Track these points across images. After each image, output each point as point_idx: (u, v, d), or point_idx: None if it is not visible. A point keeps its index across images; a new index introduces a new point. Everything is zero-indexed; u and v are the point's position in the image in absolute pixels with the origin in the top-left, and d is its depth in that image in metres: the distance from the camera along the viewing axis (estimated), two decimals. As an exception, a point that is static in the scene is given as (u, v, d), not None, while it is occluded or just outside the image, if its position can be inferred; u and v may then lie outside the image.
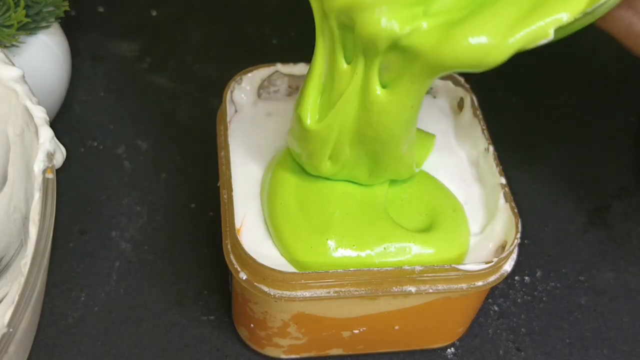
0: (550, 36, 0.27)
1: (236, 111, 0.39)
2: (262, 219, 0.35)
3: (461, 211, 0.36)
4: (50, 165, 0.30)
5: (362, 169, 0.35)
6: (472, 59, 0.28)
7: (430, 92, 0.41)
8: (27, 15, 0.40)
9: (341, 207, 0.35)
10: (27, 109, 0.32)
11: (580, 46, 0.57)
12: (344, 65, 0.32)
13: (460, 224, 0.35)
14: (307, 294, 0.32)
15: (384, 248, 0.33)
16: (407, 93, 0.32)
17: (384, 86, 0.32)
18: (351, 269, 0.32)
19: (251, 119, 0.39)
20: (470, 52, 0.27)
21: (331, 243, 0.33)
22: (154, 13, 0.57)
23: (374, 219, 0.35)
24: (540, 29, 0.27)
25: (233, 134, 0.38)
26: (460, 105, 0.40)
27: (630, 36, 0.34)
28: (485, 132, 0.38)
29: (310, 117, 0.33)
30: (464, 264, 0.33)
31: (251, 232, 0.35)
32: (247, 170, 0.37)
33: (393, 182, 0.36)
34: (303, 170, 0.36)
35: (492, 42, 0.27)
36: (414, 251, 0.34)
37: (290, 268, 0.33)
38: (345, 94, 0.32)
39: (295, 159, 0.36)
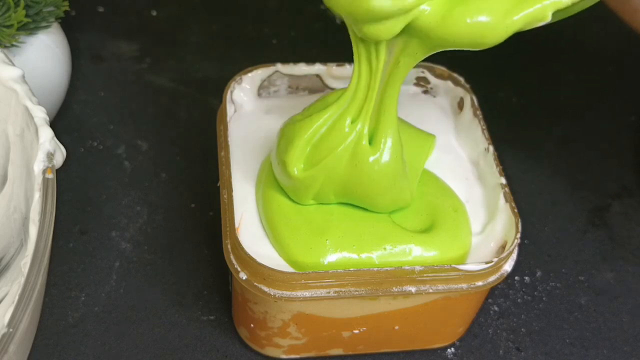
0: (548, 19, 0.27)
1: (236, 111, 0.39)
2: (258, 218, 0.35)
3: (462, 211, 0.36)
4: (50, 165, 0.30)
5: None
6: (471, 38, 0.28)
7: (430, 91, 0.41)
8: (27, 15, 0.40)
9: (340, 208, 0.35)
10: (27, 109, 0.32)
11: (580, 46, 0.57)
12: (347, 122, 0.33)
13: (461, 225, 0.35)
14: (307, 294, 0.32)
15: (384, 249, 0.33)
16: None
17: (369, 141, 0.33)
18: (351, 269, 0.32)
19: (251, 118, 0.39)
20: (469, 31, 0.28)
21: (330, 244, 0.33)
22: (154, 13, 0.57)
23: (374, 219, 0.35)
24: (539, 12, 0.27)
25: (233, 133, 0.38)
26: (460, 105, 0.40)
27: (626, 11, 0.34)
28: (485, 132, 0.38)
29: (296, 167, 0.33)
30: (464, 264, 0.32)
31: (249, 231, 0.34)
32: (246, 169, 0.37)
33: None
34: None
35: (491, 22, 0.27)
36: (415, 252, 0.34)
37: (288, 268, 0.33)
38: (338, 150, 0.33)
39: None
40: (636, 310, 0.42)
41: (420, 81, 0.41)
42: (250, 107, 0.40)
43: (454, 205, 0.36)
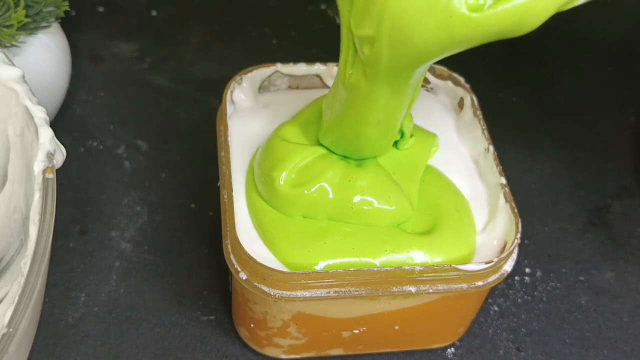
0: None
1: (235, 109, 0.39)
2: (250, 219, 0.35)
3: (466, 211, 0.35)
4: (50, 165, 0.30)
5: None
6: (514, 20, 0.26)
7: (431, 91, 0.41)
8: (27, 15, 0.40)
9: None
10: (27, 109, 0.32)
11: (580, 46, 0.57)
12: None
13: (464, 225, 0.34)
14: (307, 294, 0.32)
15: (385, 252, 0.33)
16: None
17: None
18: (351, 269, 0.32)
19: (251, 118, 0.39)
20: (512, 13, 0.26)
21: (328, 247, 0.33)
22: (154, 13, 0.57)
23: None
24: None
25: (233, 133, 0.38)
26: (460, 105, 0.40)
27: None
28: (485, 132, 0.38)
29: (284, 181, 0.33)
30: (464, 264, 0.32)
31: (242, 232, 0.34)
32: (246, 169, 0.37)
33: None
34: None
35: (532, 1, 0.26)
36: (416, 256, 0.33)
37: (284, 269, 0.33)
38: (329, 173, 0.33)
39: None
40: (636, 310, 0.42)
41: (420, 81, 0.41)
42: (251, 107, 0.40)
43: (457, 205, 0.35)
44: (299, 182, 0.33)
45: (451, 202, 0.35)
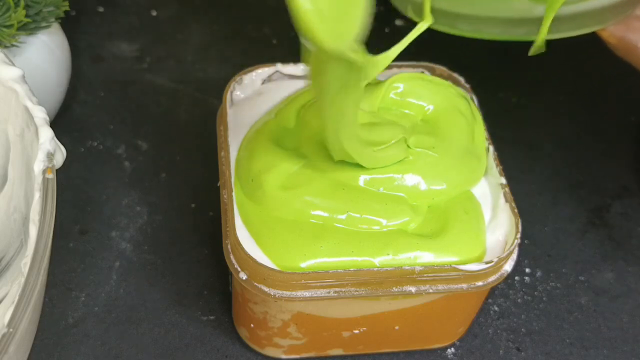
0: None
1: (233, 104, 0.39)
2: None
3: (475, 212, 0.34)
4: (50, 165, 0.30)
5: None
6: None
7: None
8: (27, 15, 0.40)
9: None
10: (27, 109, 0.32)
11: (580, 46, 0.57)
12: None
13: (472, 228, 0.34)
14: (307, 294, 0.32)
15: (387, 254, 0.32)
16: None
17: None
18: (351, 269, 0.32)
19: (251, 118, 0.39)
20: None
21: (325, 250, 0.32)
22: (154, 13, 0.57)
23: None
24: None
25: (232, 133, 0.38)
26: (460, 105, 0.40)
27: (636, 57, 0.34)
28: (485, 132, 0.38)
29: (275, 184, 0.33)
30: (465, 264, 0.32)
31: (244, 231, 0.34)
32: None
33: None
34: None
35: None
36: (420, 259, 0.33)
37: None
38: (325, 173, 0.33)
39: None
40: (636, 310, 0.42)
41: (420, 81, 0.41)
42: (251, 107, 0.40)
43: (466, 207, 0.34)
44: (290, 186, 0.33)
45: (459, 204, 0.34)
